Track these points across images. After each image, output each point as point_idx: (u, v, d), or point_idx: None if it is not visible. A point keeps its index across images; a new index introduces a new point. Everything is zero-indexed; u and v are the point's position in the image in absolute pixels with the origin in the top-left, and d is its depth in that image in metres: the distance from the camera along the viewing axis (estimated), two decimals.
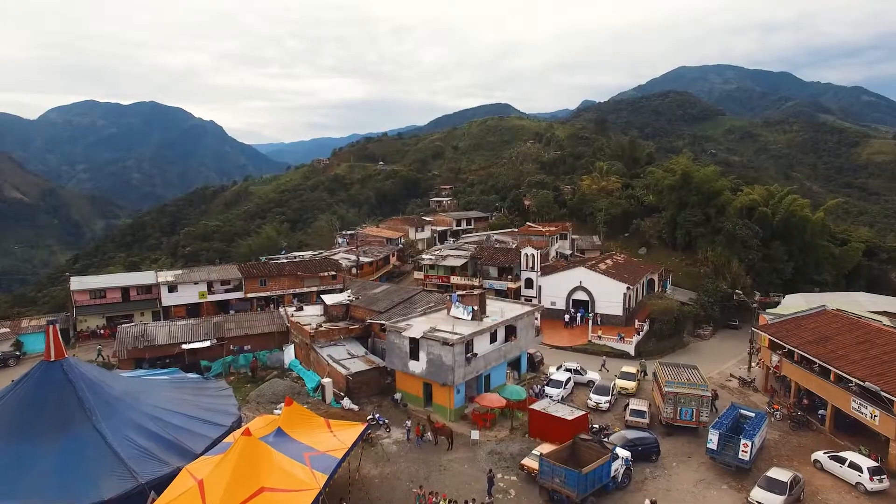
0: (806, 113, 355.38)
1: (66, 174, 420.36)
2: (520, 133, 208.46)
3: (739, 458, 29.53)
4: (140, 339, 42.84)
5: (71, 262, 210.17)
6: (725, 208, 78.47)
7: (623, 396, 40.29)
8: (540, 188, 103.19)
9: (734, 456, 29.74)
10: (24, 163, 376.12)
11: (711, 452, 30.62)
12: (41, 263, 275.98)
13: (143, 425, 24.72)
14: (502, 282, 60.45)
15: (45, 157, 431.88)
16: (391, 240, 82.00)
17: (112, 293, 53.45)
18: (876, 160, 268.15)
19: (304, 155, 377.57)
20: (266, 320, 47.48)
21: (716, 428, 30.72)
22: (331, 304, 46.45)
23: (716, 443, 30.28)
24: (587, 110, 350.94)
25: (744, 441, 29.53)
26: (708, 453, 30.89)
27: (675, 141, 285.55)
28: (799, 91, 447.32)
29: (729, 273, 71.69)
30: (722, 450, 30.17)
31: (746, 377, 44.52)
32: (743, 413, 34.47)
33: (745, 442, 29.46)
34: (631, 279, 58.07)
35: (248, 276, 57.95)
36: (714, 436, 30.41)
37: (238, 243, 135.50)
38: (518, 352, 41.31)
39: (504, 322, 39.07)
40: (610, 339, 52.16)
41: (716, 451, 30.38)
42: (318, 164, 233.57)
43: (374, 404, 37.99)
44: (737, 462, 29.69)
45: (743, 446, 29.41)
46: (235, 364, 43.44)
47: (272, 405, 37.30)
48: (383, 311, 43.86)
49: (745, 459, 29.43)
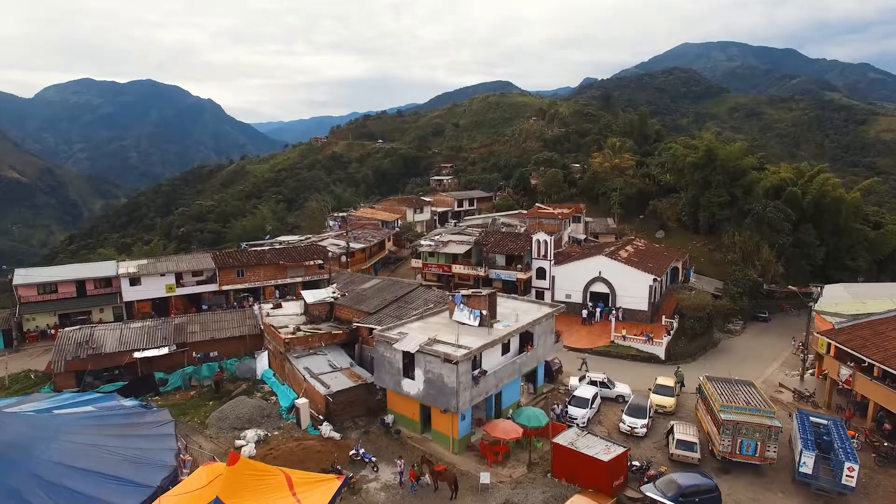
0: (811, 90, 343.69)
1: (64, 153, 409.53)
2: (522, 110, 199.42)
3: (843, 483, 24.27)
4: (84, 346, 35.24)
5: (66, 242, 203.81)
6: (752, 188, 70.35)
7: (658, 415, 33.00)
8: (548, 166, 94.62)
9: (835, 482, 24.52)
10: (20, 142, 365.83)
11: (804, 477, 25.15)
12: (39, 244, 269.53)
13: (29, 502, 17.25)
14: (511, 271, 52.59)
15: (41, 136, 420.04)
16: (387, 223, 73.96)
17: (64, 287, 45.64)
18: (884, 138, 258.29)
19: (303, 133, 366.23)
20: (237, 321, 39.78)
21: (809, 449, 25.29)
22: (312, 302, 38.73)
23: (811, 467, 24.94)
24: (589, 87, 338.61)
25: (849, 465, 24.17)
26: (798, 478, 25.41)
27: (679, 119, 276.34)
28: (804, 68, 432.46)
29: (758, 259, 64.04)
30: (818, 473, 24.93)
31: (803, 390, 36.96)
32: (814, 420, 28.51)
33: (852, 465, 24.12)
34: (656, 269, 50.26)
35: (222, 265, 50.08)
36: (809, 459, 25.01)
37: (233, 224, 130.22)
38: (535, 363, 33.74)
39: (519, 329, 31.39)
40: (636, 340, 44.55)
41: (811, 476, 24.98)
42: (316, 142, 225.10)
43: (359, 429, 30.53)
44: (838, 489, 24.49)
45: (848, 470, 24.08)
46: (198, 375, 35.85)
47: (235, 431, 29.87)
48: (373, 313, 36.16)
49: (849, 486, 24.27)
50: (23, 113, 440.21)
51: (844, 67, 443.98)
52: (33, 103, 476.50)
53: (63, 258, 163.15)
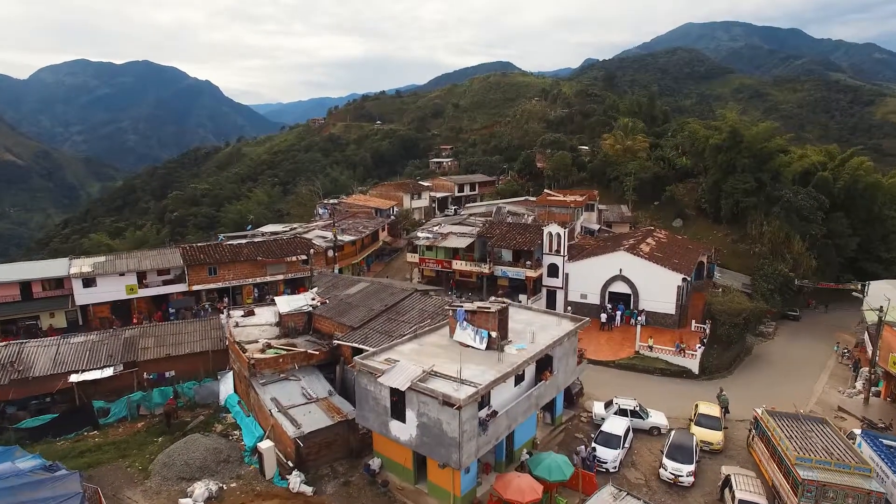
0: (816, 71, 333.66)
1: (61, 136, 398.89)
2: (524, 90, 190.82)
3: None
4: (8, 368, 28.67)
5: (60, 226, 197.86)
6: (781, 173, 63.20)
7: (703, 452, 26.66)
8: (555, 148, 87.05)
9: None
10: (15, 124, 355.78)
11: None
12: (37, 227, 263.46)
13: None
14: (519, 269, 45.77)
15: (37, 119, 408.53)
16: (381, 210, 66.90)
17: (6, 289, 38.89)
18: (892, 120, 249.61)
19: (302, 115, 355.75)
20: (199, 333, 33.14)
21: None
22: (286, 312, 32.02)
23: None
24: (591, 68, 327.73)
25: None
26: None
27: (682, 100, 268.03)
28: (809, 48, 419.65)
29: (789, 252, 57.31)
30: None
31: (876, 421, 30.47)
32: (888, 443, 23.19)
33: None
34: (684, 266, 43.49)
35: (192, 262, 43.26)
36: None
37: (226, 208, 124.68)
38: (555, 392, 27.20)
39: (537, 355, 24.75)
40: (665, 351, 37.97)
41: None
42: (314, 123, 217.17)
43: (338, 479, 24.14)
44: None
45: None
46: (148, 402, 29.27)
47: (183, 483, 23.47)
48: (357, 327, 29.50)
49: None
50: (17, 95, 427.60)
51: (850, 47, 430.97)
52: (28, 85, 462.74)
53: (57, 242, 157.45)
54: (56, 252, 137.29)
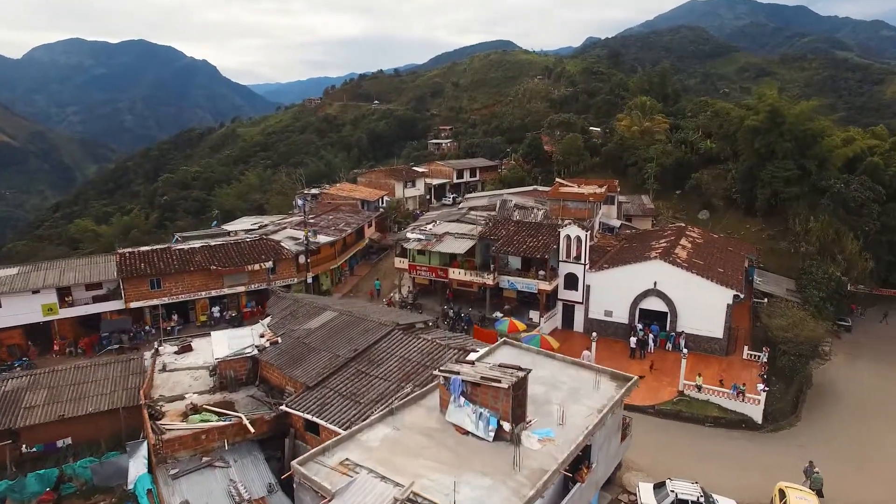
0: (823, 49, 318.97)
1: (56, 116, 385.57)
2: (526, 68, 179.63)
3: None
4: None
5: (52, 209, 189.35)
6: (827, 160, 53.82)
7: None
8: (564, 130, 77.19)
9: None
10: (10, 104, 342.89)
11: None
12: (33, 209, 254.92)
13: None
14: (529, 280, 36.72)
15: (32, 99, 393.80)
16: (368, 202, 57.55)
17: None
18: None
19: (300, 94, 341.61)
20: (111, 382, 24.32)
21: None
22: (223, 357, 23.17)
23: None
24: (593, 46, 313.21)
25: None
26: None
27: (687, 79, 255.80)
28: (815, 26, 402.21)
29: (840, 252, 48.27)
30: None
31: None
32: None
33: None
34: (733, 278, 34.54)
35: (129, 274, 34.32)
36: None
37: (217, 192, 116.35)
38: (593, 492, 18.52)
39: (573, 453, 15.97)
40: (718, 393, 29.18)
41: None
42: (310, 103, 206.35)
43: None
44: None
45: None
46: (19, 493, 20.60)
47: None
48: (313, 385, 20.68)
49: None
50: (11, 74, 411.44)
51: (856, 25, 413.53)
52: (21, 64, 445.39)
53: (48, 226, 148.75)
54: (39, 238, 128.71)
